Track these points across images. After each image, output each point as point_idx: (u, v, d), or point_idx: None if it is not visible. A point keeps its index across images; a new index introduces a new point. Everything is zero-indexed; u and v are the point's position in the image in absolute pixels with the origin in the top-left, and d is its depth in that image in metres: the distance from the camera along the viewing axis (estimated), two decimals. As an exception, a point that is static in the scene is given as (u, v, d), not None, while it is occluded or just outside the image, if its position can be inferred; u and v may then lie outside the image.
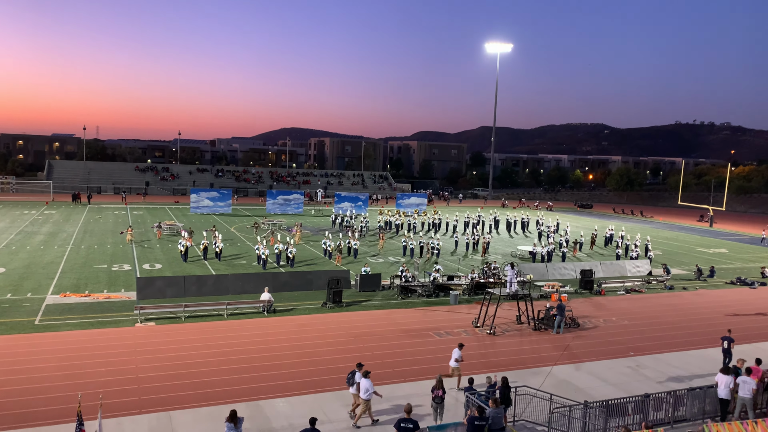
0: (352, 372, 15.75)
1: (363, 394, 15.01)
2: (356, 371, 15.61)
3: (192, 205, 63.00)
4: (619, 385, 18.87)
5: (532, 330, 24.77)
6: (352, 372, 15.77)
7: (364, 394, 14.98)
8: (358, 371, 15.51)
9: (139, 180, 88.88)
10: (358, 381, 15.26)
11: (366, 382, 15.03)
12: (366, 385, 15.00)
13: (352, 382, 15.62)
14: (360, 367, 15.69)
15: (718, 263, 43.31)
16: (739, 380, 15.61)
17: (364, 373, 15.24)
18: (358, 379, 15.35)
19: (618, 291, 32.94)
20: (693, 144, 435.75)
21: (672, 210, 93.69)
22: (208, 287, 27.92)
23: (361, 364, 15.89)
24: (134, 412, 15.55)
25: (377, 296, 29.23)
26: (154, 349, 20.29)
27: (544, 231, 54.86)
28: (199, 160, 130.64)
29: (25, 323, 22.59)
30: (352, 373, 15.71)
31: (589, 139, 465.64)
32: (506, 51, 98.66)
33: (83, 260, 35.01)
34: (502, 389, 15.27)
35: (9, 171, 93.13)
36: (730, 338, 20.92)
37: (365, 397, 14.96)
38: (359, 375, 15.38)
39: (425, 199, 75.26)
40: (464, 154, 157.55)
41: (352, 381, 15.63)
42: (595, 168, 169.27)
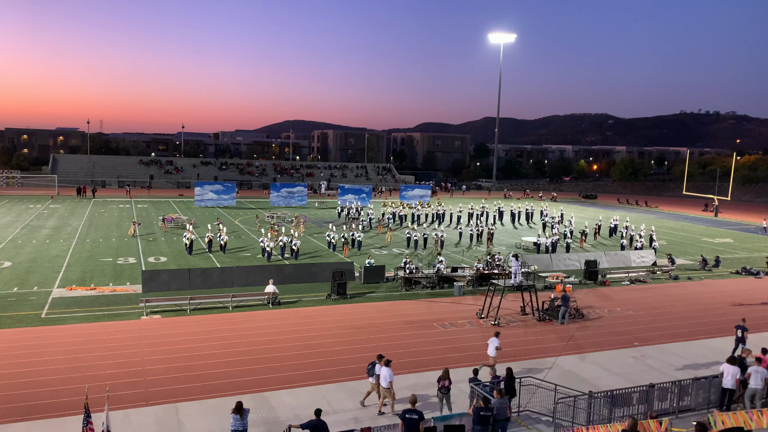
0: (372, 363, 15.98)
1: (384, 382, 15.34)
2: (376, 362, 15.84)
3: (196, 199, 63.10)
4: (623, 376, 18.88)
5: (537, 321, 24.78)
6: (372, 363, 16.01)
7: (384, 382, 15.31)
8: (378, 362, 15.74)
9: (143, 173, 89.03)
10: (378, 372, 15.56)
11: (386, 371, 15.33)
12: (386, 374, 15.31)
13: (372, 373, 15.88)
14: (380, 358, 15.91)
15: (723, 253, 43.18)
16: (751, 370, 15.56)
17: (385, 363, 15.50)
18: (378, 370, 15.62)
19: (623, 281, 32.89)
20: (698, 133, 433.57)
21: (677, 200, 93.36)
22: (213, 280, 28.01)
23: (381, 356, 16.10)
24: (141, 404, 15.66)
25: (381, 288, 29.28)
26: (160, 342, 20.40)
27: (548, 222, 54.77)
28: (203, 153, 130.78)
29: (32, 317, 22.73)
30: (372, 364, 15.95)
31: (594, 129, 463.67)
32: (510, 41, 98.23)
33: (88, 254, 35.15)
34: (507, 380, 15.29)
35: (14, 165, 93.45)
36: (744, 327, 20.90)
37: (386, 385, 15.29)
38: (379, 366, 15.64)
39: (429, 190, 75.18)
40: (468, 145, 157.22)
41: (372, 372, 15.88)
42: (600, 158, 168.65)
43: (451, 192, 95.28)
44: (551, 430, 14.72)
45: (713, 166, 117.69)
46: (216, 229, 40.19)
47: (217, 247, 37.15)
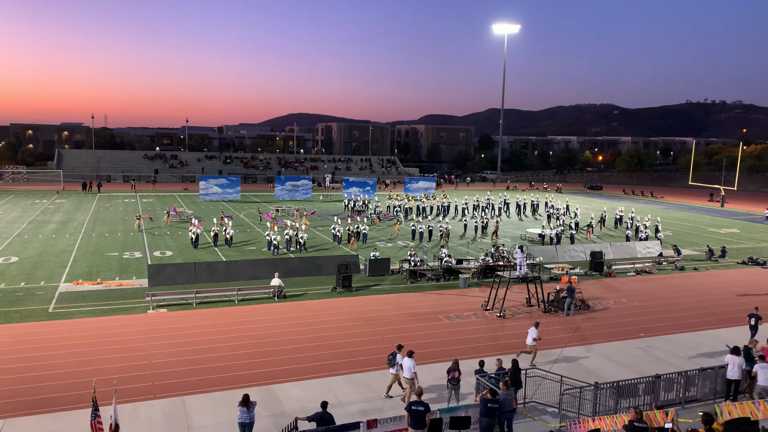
0: (393, 354, 16.16)
1: (407, 373, 15.52)
2: (397, 352, 16.05)
3: (201, 192, 63.22)
4: (629, 366, 18.86)
5: (542, 312, 24.77)
6: (392, 353, 16.18)
7: (408, 373, 15.48)
8: (399, 352, 15.98)
9: (148, 168, 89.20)
10: (400, 362, 15.76)
11: (409, 362, 15.52)
12: (409, 364, 15.50)
13: (393, 363, 16.05)
14: (400, 348, 16.15)
15: (729, 243, 43.01)
16: (757, 367, 15.51)
17: (408, 353, 15.68)
18: (399, 360, 15.82)
19: (628, 272, 32.81)
20: (704, 123, 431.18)
21: (683, 190, 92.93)
22: (218, 273, 28.09)
23: (401, 346, 16.34)
24: (148, 397, 15.75)
25: (386, 281, 29.30)
26: (167, 335, 20.50)
27: (554, 213, 54.64)
28: (207, 147, 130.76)
29: (39, 311, 22.86)
30: (393, 355, 16.13)
31: (599, 119, 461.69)
32: (514, 32, 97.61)
33: (95, 248, 35.30)
34: (513, 371, 15.31)
35: (19, 161, 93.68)
36: (758, 315, 20.85)
37: (409, 376, 15.46)
38: (400, 356, 15.87)
39: (433, 183, 75.06)
40: (472, 137, 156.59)
41: (393, 362, 16.06)
42: (605, 149, 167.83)
43: (456, 184, 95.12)
44: (557, 421, 14.74)
45: (719, 156, 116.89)
46: (221, 223, 40.27)
47: (222, 240, 37.24)
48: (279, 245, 35.27)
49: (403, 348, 16.16)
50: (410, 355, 15.61)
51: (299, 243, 35.71)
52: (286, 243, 35.87)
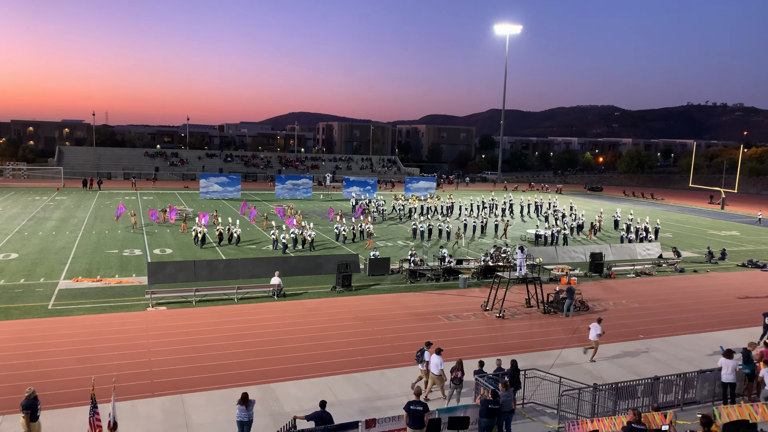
0: (421, 350, 16.44)
1: (434, 369, 15.80)
2: (425, 349, 16.32)
3: (201, 191, 63.21)
4: (628, 368, 18.87)
5: (542, 313, 24.77)
6: (420, 350, 16.47)
7: (435, 369, 15.77)
8: (427, 349, 16.25)
9: (148, 165, 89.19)
10: (427, 359, 16.08)
11: (436, 358, 15.80)
12: (436, 360, 15.78)
13: (421, 360, 16.33)
14: (429, 345, 16.42)
15: (729, 246, 42.99)
16: (763, 372, 15.50)
17: (436, 351, 15.95)
18: (426, 357, 16.13)
19: (628, 274, 32.80)
20: (705, 125, 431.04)
21: (683, 192, 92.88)
22: (218, 272, 28.09)
23: (429, 343, 16.58)
24: (147, 395, 15.76)
25: (386, 280, 29.30)
26: (166, 333, 20.50)
27: (551, 214, 54.48)
28: (208, 146, 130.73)
29: (39, 308, 22.87)
30: (421, 351, 16.41)
31: (600, 121, 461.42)
32: (515, 33, 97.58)
33: (95, 245, 35.30)
34: (512, 372, 15.32)
35: (20, 157, 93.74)
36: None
37: (436, 372, 15.77)
38: (428, 353, 16.15)
39: (434, 183, 75.02)
40: (473, 137, 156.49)
41: (421, 359, 16.34)
42: (606, 150, 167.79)
43: (456, 184, 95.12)
44: (556, 422, 14.75)
45: (720, 158, 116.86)
46: (227, 222, 39.98)
47: (226, 240, 37.02)
48: (287, 243, 35.37)
49: (432, 345, 16.38)
50: (438, 352, 15.91)
51: (304, 241, 35.92)
52: (292, 242, 35.86)
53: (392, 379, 17.38)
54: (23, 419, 12.68)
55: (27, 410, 12.60)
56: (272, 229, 37.64)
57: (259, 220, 45.33)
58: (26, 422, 12.60)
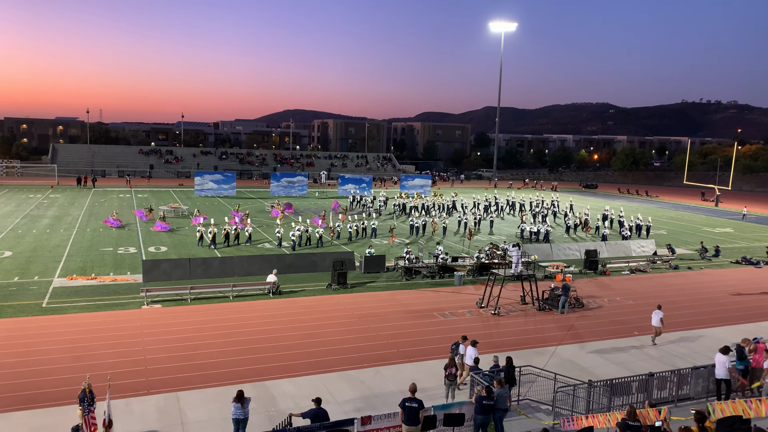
0: (456, 343, 17.04)
1: (468, 360, 16.15)
2: (460, 343, 16.91)
3: (196, 188, 63.08)
4: (623, 365, 18.94)
5: (537, 310, 24.83)
6: (455, 343, 17.08)
7: (470, 360, 16.09)
8: (462, 342, 16.81)
9: (143, 163, 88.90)
10: (462, 351, 16.61)
11: (472, 350, 16.26)
12: (471, 352, 16.22)
13: (456, 353, 16.77)
14: (464, 339, 16.96)
15: (723, 243, 43.18)
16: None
17: (471, 343, 16.47)
18: (462, 350, 16.67)
19: (623, 271, 32.92)
20: (699, 123, 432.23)
21: (678, 189, 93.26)
22: (213, 269, 28.04)
23: (465, 337, 17.14)
24: (142, 392, 15.73)
25: (382, 278, 29.31)
26: (161, 331, 20.45)
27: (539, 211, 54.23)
28: (203, 143, 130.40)
29: (33, 306, 22.78)
30: (456, 344, 17.00)
31: (594, 118, 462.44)
32: (511, 30, 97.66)
33: (89, 243, 35.17)
34: (507, 369, 15.35)
35: (13, 155, 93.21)
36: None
37: (471, 363, 16.03)
38: (463, 346, 16.68)
39: (429, 180, 75.06)
40: (468, 134, 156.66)
41: (456, 351, 16.80)
42: (600, 148, 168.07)
43: (452, 182, 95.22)
44: (551, 418, 14.78)
45: (714, 155, 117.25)
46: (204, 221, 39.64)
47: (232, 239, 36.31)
48: (296, 241, 35.53)
49: (467, 339, 16.89)
50: (474, 344, 16.43)
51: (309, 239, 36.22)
52: (297, 239, 35.91)
53: (387, 376, 17.41)
54: (80, 411, 12.99)
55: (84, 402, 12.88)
56: (277, 227, 37.47)
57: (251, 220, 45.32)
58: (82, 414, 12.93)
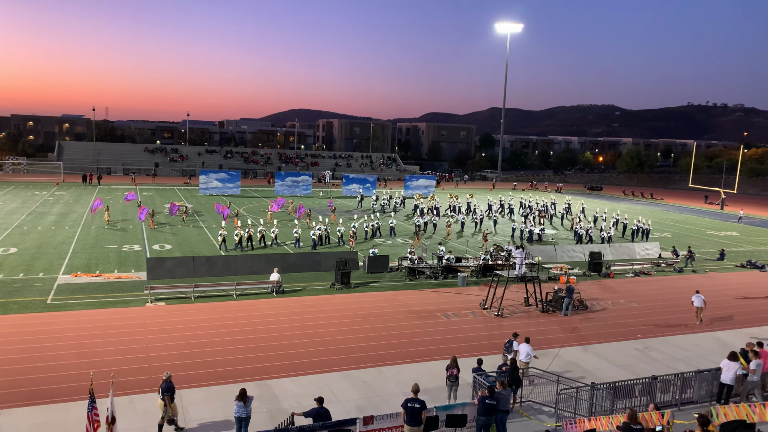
0: (509, 341, 17.45)
1: (524, 357, 16.62)
2: (513, 340, 17.34)
3: (201, 187, 63.18)
4: (626, 367, 18.89)
5: (540, 312, 24.79)
6: (509, 341, 17.49)
7: (525, 357, 16.62)
8: (515, 340, 17.26)
9: (148, 161, 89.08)
10: (516, 348, 16.98)
11: (526, 347, 16.77)
12: (526, 349, 16.74)
13: (510, 350, 17.21)
14: (516, 336, 17.43)
15: (728, 246, 43.01)
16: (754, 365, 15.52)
17: (525, 339, 17.00)
18: (515, 346, 17.06)
19: (627, 273, 32.82)
20: (705, 126, 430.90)
21: (683, 192, 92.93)
22: (217, 268, 28.08)
23: (516, 334, 17.63)
24: (145, 390, 15.77)
25: (385, 278, 29.31)
26: (165, 329, 20.50)
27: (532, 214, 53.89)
28: (208, 142, 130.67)
29: (38, 302, 22.86)
30: (510, 342, 17.43)
31: (600, 120, 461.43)
32: (516, 31, 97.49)
33: (94, 240, 35.28)
34: (511, 370, 15.33)
35: (20, 152, 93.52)
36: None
37: (526, 360, 16.62)
38: (516, 343, 17.11)
39: (434, 180, 75.00)
40: (473, 135, 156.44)
41: (510, 349, 17.23)
42: (606, 150, 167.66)
43: (456, 182, 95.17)
44: (553, 420, 14.76)
45: (720, 158, 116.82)
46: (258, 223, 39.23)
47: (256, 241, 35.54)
48: (316, 240, 35.58)
49: (518, 336, 17.39)
50: (527, 341, 16.97)
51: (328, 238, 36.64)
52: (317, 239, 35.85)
53: (390, 376, 17.40)
54: (162, 402, 13.51)
55: (167, 393, 13.48)
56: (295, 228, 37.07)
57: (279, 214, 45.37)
58: (168, 404, 13.48)
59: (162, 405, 13.51)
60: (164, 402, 13.47)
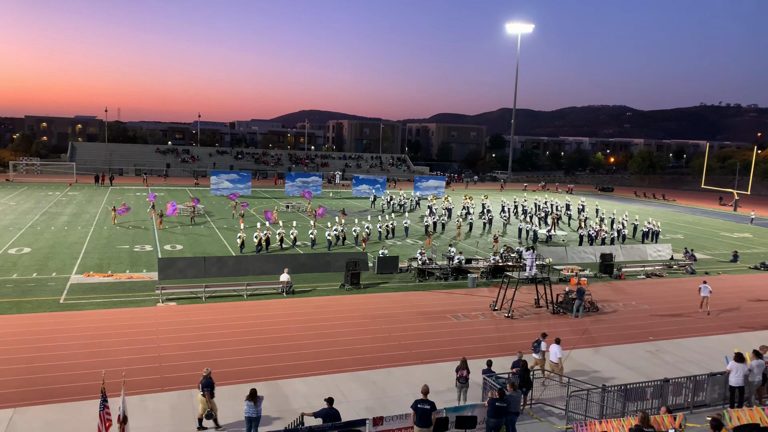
0: (537, 341, 17.56)
1: (554, 357, 17.01)
2: (541, 340, 17.50)
3: (212, 187, 63.47)
4: (637, 370, 18.76)
5: (551, 314, 24.68)
6: (537, 341, 17.60)
7: (554, 357, 16.99)
8: (543, 340, 17.46)
9: (160, 162, 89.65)
10: (544, 348, 17.31)
11: (556, 347, 17.11)
12: (555, 349, 17.07)
13: (537, 350, 17.44)
14: (545, 336, 17.63)
15: (741, 248, 42.60)
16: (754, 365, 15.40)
17: (555, 340, 17.34)
18: (543, 347, 17.35)
19: (638, 275, 32.60)
20: (718, 126, 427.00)
21: (695, 194, 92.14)
22: (228, 268, 28.21)
23: (545, 334, 17.81)
24: (156, 389, 15.87)
25: (395, 278, 29.30)
26: (176, 329, 20.62)
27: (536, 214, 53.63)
28: (219, 143, 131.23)
29: (51, 302, 23.08)
30: (538, 342, 17.54)
31: (611, 121, 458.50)
32: (527, 31, 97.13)
33: (106, 241, 35.56)
34: (521, 372, 15.27)
35: (33, 153, 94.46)
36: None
37: (555, 360, 16.98)
38: (544, 343, 17.37)
39: (443, 181, 74.89)
40: (483, 136, 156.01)
41: (537, 349, 17.45)
42: (617, 151, 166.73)
43: (466, 183, 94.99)
44: (563, 422, 14.69)
45: (733, 159, 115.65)
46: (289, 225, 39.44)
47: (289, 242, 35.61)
48: (332, 241, 35.69)
49: (547, 336, 17.62)
50: (557, 341, 17.29)
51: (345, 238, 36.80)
52: (334, 239, 35.99)
53: (399, 377, 17.40)
54: (202, 397, 13.73)
55: (207, 388, 13.68)
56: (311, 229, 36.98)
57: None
58: (207, 399, 13.68)
59: (202, 400, 13.75)
60: (204, 397, 13.70)
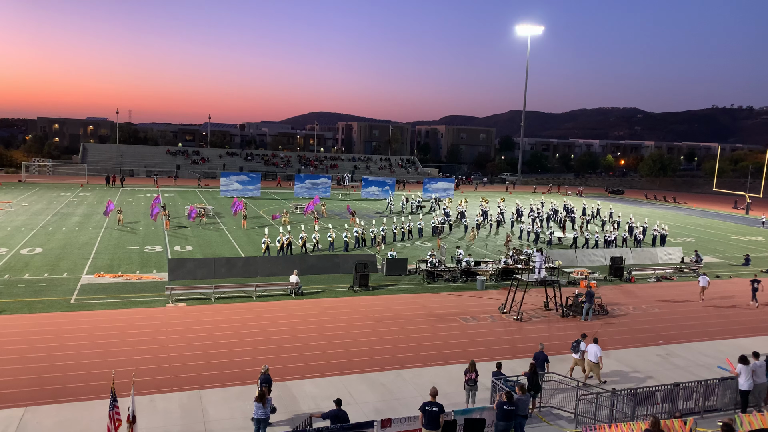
0: (577, 341, 17.87)
1: (593, 357, 17.15)
2: (580, 340, 17.78)
3: (222, 189, 63.77)
4: (647, 373, 18.62)
5: (560, 317, 24.56)
6: (576, 341, 17.92)
7: (593, 357, 17.12)
8: (582, 340, 17.71)
9: (170, 163, 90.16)
10: (583, 348, 17.52)
11: (595, 347, 17.22)
12: (594, 349, 17.19)
13: (576, 350, 17.74)
14: (584, 336, 17.88)
15: (753, 251, 42.21)
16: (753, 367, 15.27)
17: (593, 340, 17.46)
18: (582, 347, 17.58)
19: (649, 278, 32.38)
20: (730, 129, 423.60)
21: (707, 197, 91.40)
22: (237, 269, 28.31)
23: (584, 335, 18.06)
24: (166, 389, 15.94)
25: (403, 281, 29.28)
26: (185, 329, 20.71)
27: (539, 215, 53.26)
28: (229, 144, 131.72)
29: (62, 302, 23.26)
30: (577, 342, 17.85)
31: (622, 123, 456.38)
32: (537, 33, 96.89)
33: (116, 242, 35.79)
34: (531, 375, 15.21)
35: (45, 154, 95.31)
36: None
37: (594, 359, 17.12)
38: (583, 344, 17.60)
39: (453, 183, 74.81)
40: (493, 138, 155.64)
41: (577, 349, 17.74)
42: (628, 153, 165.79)
43: (476, 185, 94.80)
44: (573, 426, 14.61)
45: (745, 162, 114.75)
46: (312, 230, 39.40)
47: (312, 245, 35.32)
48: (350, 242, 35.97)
49: (586, 337, 17.82)
50: (596, 341, 17.41)
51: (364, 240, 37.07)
52: (356, 240, 36.33)
53: (408, 379, 17.38)
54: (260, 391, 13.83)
55: (265, 384, 14.27)
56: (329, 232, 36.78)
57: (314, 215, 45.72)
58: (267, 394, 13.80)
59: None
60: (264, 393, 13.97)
